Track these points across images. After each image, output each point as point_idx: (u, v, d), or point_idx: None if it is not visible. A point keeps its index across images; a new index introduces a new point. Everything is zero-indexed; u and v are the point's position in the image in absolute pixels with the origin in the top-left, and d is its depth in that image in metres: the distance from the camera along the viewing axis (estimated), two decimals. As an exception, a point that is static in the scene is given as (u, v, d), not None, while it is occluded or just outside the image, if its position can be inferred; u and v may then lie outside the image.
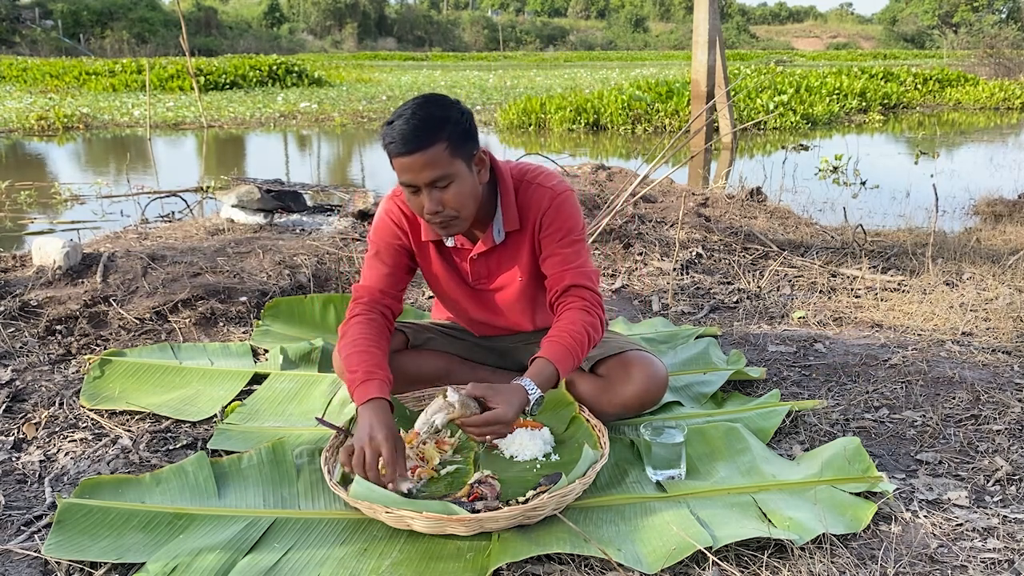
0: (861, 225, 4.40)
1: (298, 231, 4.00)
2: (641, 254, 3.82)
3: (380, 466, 1.59)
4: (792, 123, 11.92)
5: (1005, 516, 1.62)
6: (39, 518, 1.66)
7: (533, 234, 1.88)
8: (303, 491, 1.72)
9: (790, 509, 1.59)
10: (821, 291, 3.31)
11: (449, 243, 1.90)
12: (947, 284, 3.32)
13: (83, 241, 3.85)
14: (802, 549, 1.49)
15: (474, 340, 2.13)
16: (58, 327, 2.67)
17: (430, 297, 3.17)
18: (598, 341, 1.83)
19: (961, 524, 1.59)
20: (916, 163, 8.38)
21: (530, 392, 1.68)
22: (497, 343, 2.12)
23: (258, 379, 2.37)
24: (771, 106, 12.20)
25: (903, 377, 2.33)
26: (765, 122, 11.66)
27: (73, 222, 5.26)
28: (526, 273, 1.92)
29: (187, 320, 2.79)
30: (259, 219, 4.16)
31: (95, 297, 2.85)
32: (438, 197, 1.68)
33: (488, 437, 1.68)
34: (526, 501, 1.56)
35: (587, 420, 1.85)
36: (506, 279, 1.94)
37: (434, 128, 1.64)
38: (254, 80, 17.88)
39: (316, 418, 1.87)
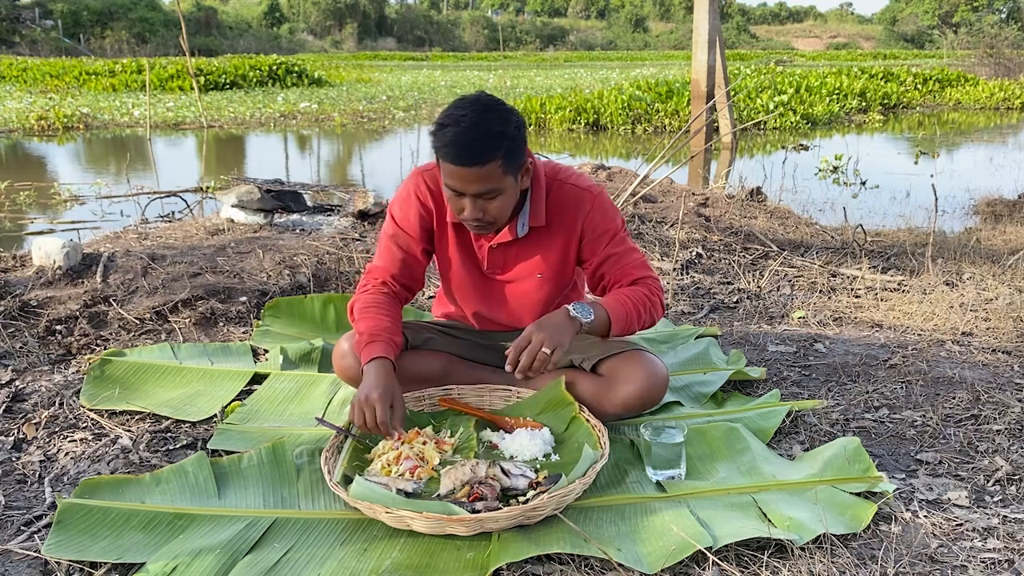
0: (861, 225, 4.40)
1: (298, 231, 4.00)
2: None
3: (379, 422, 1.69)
4: (792, 123, 11.92)
5: (1005, 516, 1.62)
6: (39, 518, 1.66)
7: (570, 236, 1.89)
8: (303, 491, 1.72)
9: (790, 509, 1.59)
10: (821, 291, 3.31)
11: None
12: (947, 284, 3.32)
13: (83, 241, 3.85)
14: (802, 549, 1.49)
15: (474, 339, 2.13)
16: (58, 327, 2.67)
17: (430, 298, 3.17)
18: (657, 319, 1.88)
19: (961, 524, 1.59)
20: (916, 163, 8.38)
21: (568, 305, 1.75)
22: (497, 341, 2.12)
23: (258, 379, 2.37)
24: (771, 106, 12.21)
25: (903, 377, 2.33)
26: (765, 122, 11.66)
27: (73, 222, 5.26)
28: (546, 271, 1.93)
29: (187, 320, 2.79)
30: (259, 219, 4.16)
31: (95, 297, 2.85)
32: (482, 206, 1.71)
33: (545, 355, 1.67)
34: (526, 501, 1.56)
35: (587, 420, 1.85)
36: (521, 272, 1.94)
37: (492, 144, 1.64)
38: (254, 80, 17.88)
39: (316, 418, 1.87)
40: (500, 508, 1.53)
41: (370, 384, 1.71)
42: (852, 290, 3.34)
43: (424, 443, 1.78)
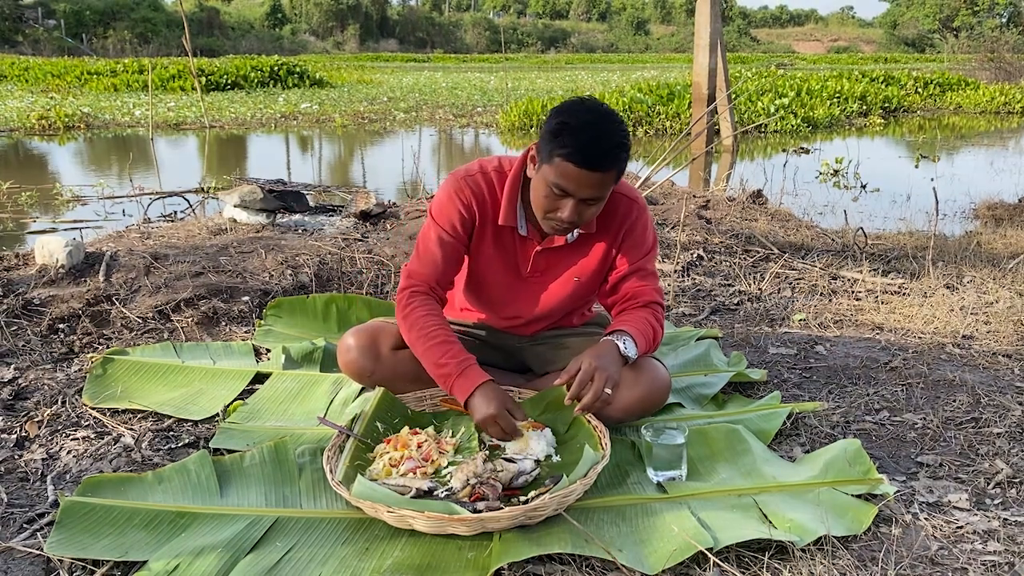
0: (862, 228, 4.41)
1: (300, 231, 4.01)
2: (642, 256, 3.82)
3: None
4: (793, 126, 11.93)
5: (1005, 519, 1.62)
6: (41, 516, 1.66)
7: (611, 242, 1.92)
8: (305, 490, 1.73)
9: (791, 511, 1.60)
10: (822, 294, 3.32)
11: (523, 231, 1.91)
12: (947, 287, 3.33)
13: (86, 240, 3.85)
14: (803, 551, 1.50)
15: (482, 340, 2.13)
16: (61, 325, 2.68)
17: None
18: (655, 348, 1.95)
19: (961, 527, 1.60)
20: (917, 167, 8.39)
21: (616, 339, 1.81)
22: (505, 342, 2.12)
23: (260, 378, 2.37)
24: (772, 109, 12.21)
25: (904, 380, 2.33)
26: (766, 125, 11.67)
27: (75, 221, 5.26)
28: (585, 276, 1.96)
29: (189, 319, 2.79)
30: (261, 219, 4.17)
31: (98, 296, 2.86)
32: (581, 210, 1.73)
33: (607, 396, 1.74)
34: (527, 501, 1.56)
35: (588, 421, 1.85)
36: (561, 276, 1.97)
37: (619, 154, 1.69)
38: (255, 81, 17.89)
39: (318, 418, 1.88)
40: (502, 508, 1.54)
41: (485, 403, 1.75)
42: (853, 293, 3.34)
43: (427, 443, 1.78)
